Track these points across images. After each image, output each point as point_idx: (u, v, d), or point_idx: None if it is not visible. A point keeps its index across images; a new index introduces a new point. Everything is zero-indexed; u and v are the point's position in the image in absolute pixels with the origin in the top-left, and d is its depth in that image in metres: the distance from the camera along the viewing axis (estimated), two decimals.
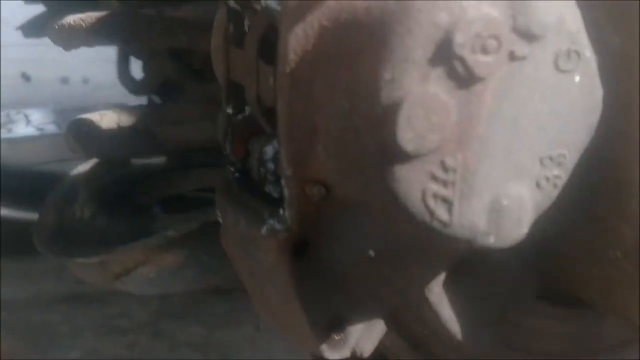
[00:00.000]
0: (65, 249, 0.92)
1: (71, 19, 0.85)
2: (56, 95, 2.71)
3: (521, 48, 0.43)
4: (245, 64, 0.57)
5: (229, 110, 0.63)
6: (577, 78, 0.46)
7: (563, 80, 0.45)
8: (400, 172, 0.43)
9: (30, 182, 1.73)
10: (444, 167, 0.44)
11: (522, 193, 0.47)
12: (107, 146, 0.90)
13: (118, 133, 0.89)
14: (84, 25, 0.83)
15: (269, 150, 0.56)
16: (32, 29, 2.16)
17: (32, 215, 1.58)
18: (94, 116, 0.99)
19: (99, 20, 0.82)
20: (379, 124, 0.43)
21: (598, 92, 0.47)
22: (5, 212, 1.62)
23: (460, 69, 0.42)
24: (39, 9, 2.02)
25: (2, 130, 1.90)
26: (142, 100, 2.11)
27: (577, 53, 0.45)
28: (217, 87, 0.65)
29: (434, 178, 0.44)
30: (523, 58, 0.43)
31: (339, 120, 0.46)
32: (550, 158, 0.47)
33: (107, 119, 0.99)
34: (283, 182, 0.52)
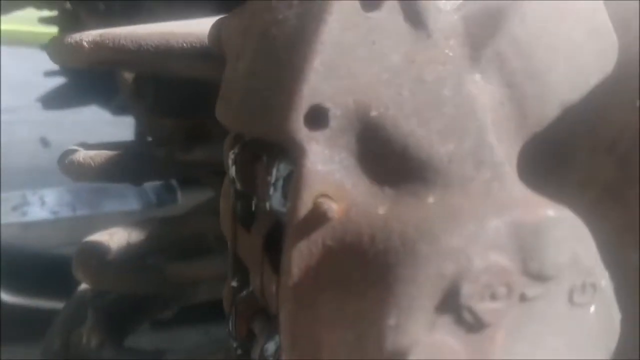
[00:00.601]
0: None
1: (81, 155, 0.84)
2: None
3: (533, 290, 0.41)
4: (252, 250, 0.56)
5: (234, 284, 0.62)
6: (592, 309, 0.44)
7: (578, 313, 0.43)
8: None
9: (43, 267, 1.73)
10: None
11: None
12: (116, 284, 0.88)
13: (127, 271, 0.88)
14: (92, 164, 0.82)
15: (270, 347, 0.54)
16: (52, 100, 2.20)
17: (42, 302, 1.57)
18: (103, 237, 0.98)
19: (108, 160, 0.82)
20: None
21: (615, 317, 0.45)
22: (16, 299, 1.61)
23: (468, 317, 0.40)
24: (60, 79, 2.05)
25: (17, 213, 1.90)
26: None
27: (593, 286, 0.43)
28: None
29: None
30: (535, 299, 0.41)
31: (345, 348, 0.44)
32: None
33: (116, 239, 0.98)
34: None
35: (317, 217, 0.45)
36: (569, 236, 0.41)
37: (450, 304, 0.39)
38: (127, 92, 1.23)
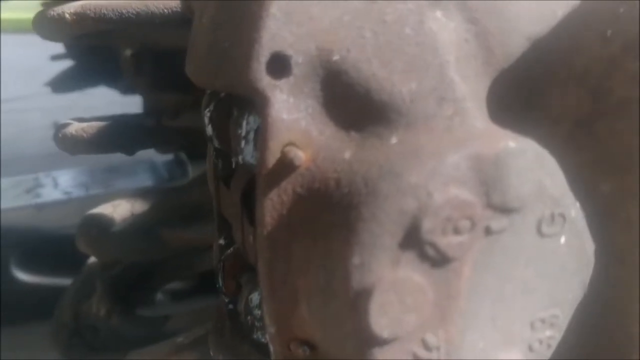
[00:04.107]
0: (80, 353, 0.92)
1: (74, 128, 0.85)
2: None
3: (498, 222, 0.41)
4: (232, 206, 0.56)
5: (221, 241, 0.63)
6: (563, 239, 0.43)
7: (548, 244, 0.43)
8: (379, 355, 0.41)
9: (56, 248, 1.76)
10: (426, 346, 0.42)
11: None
12: (116, 252, 0.90)
13: (126, 238, 0.89)
14: (85, 135, 0.83)
15: (255, 298, 0.55)
16: (60, 84, 2.21)
17: (57, 281, 1.60)
18: (107, 209, 0.99)
19: (99, 131, 0.83)
20: (353, 308, 0.41)
21: (589, 248, 0.45)
22: (32, 277, 1.64)
23: (431, 252, 0.40)
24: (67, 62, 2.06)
25: (30, 195, 1.93)
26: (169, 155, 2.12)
27: (562, 216, 0.43)
28: None
29: (416, 357, 0.42)
30: (501, 231, 0.41)
31: (318, 291, 0.44)
32: (542, 321, 0.45)
33: (120, 211, 0.99)
34: (268, 337, 0.50)
35: (285, 166, 0.45)
36: (532, 167, 0.41)
37: (413, 239, 0.40)
38: (127, 69, 1.23)
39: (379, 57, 0.44)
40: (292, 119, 0.45)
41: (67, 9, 0.77)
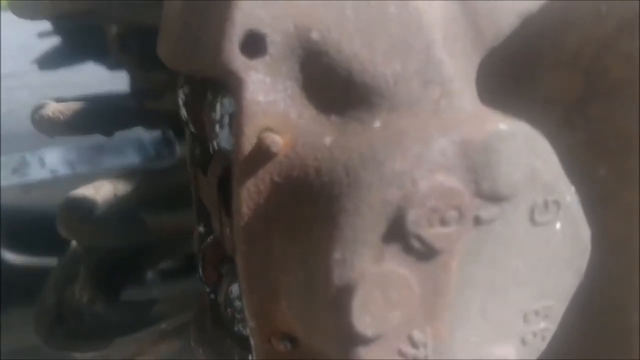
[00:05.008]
0: (64, 341, 0.90)
1: (51, 110, 0.82)
2: None
3: (488, 212, 0.38)
4: (210, 194, 0.54)
5: (200, 229, 0.60)
6: (557, 226, 0.41)
7: (541, 232, 0.41)
8: (363, 354, 0.39)
9: (43, 227, 1.73)
10: (413, 343, 0.40)
11: (506, 354, 0.42)
12: (98, 237, 0.87)
13: (109, 223, 0.86)
14: (61, 117, 0.80)
15: (235, 289, 0.53)
16: (47, 61, 2.16)
17: (45, 261, 1.58)
18: (89, 191, 0.97)
19: (77, 113, 0.80)
20: (334, 306, 0.38)
21: (584, 234, 0.42)
22: (18, 258, 1.62)
23: (417, 245, 0.37)
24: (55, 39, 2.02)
25: (17, 175, 1.90)
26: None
27: (556, 202, 0.40)
28: None
29: (403, 355, 0.40)
30: (491, 221, 0.39)
31: (298, 288, 0.42)
32: (536, 312, 0.42)
33: (102, 193, 0.96)
34: (248, 331, 0.48)
35: (262, 153, 0.43)
36: (524, 151, 0.38)
37: (397, 232, 0.37)
38: (113, 47, 1.19)
39: (361, 36, 0.41)
40: (269, 101, 0.42)
41: None
